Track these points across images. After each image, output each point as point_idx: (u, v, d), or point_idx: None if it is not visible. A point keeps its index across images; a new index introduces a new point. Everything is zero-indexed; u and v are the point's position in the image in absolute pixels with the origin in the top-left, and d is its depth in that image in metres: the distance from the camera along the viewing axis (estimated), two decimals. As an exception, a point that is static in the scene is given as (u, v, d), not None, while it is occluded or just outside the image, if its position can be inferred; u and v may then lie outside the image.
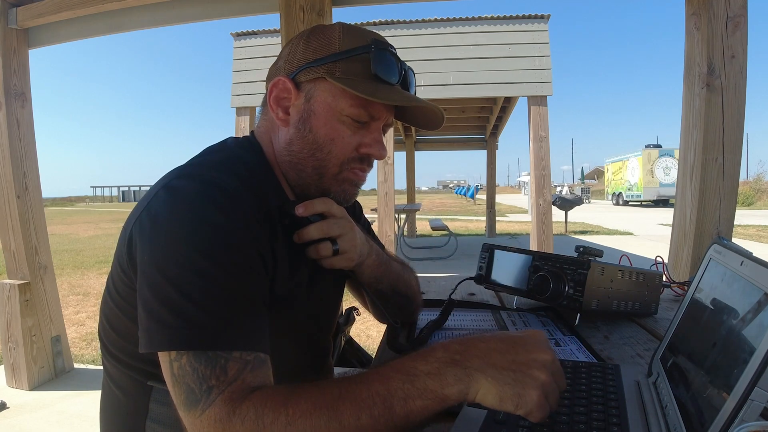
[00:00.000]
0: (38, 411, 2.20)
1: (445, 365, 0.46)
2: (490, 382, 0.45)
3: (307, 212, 0.66)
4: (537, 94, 4.94)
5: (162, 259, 0.52)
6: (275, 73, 0.69)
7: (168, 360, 0.50)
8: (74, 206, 37.56)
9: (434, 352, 0.48)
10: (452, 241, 7.46)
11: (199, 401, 0.48)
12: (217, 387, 0.48)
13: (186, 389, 0.49)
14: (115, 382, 0.67)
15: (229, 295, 0.53)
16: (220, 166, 0.62)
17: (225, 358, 0.49)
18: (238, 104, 5.34)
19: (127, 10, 2.30)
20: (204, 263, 0.52)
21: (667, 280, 1.20)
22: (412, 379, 0.46)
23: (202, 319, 0.50)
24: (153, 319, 0.51)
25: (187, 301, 0.50)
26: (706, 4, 1.58)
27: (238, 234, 0.56)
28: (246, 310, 0.54)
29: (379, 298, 0.84)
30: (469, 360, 0.46)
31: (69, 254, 8.17)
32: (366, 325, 3.59)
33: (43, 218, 2.58)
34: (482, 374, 0.45)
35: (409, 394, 0.45)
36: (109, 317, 0.65)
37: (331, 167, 0.68)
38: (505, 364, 0.46)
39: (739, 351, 0.41)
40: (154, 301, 0.51)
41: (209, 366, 0.49)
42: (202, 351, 0.49)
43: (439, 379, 0.45)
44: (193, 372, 0.49)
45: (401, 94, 0.67)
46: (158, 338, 0.50)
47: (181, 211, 0.54)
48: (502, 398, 0.45)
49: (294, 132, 0.67)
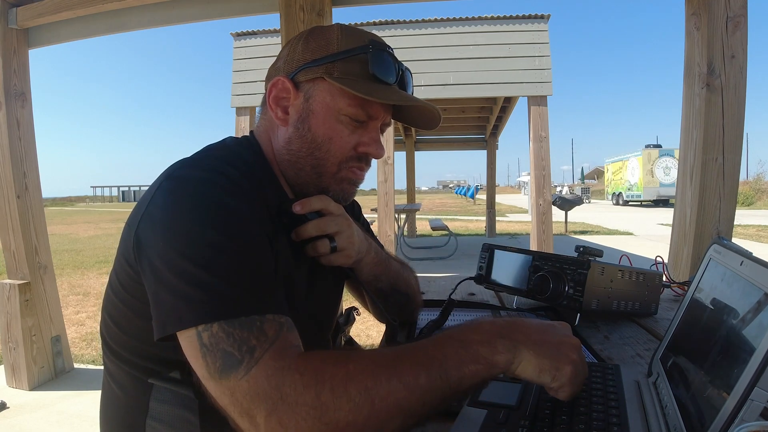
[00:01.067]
0: (38, 411, 2.20)
1: (495, 336, 0.51)
2: (532, 354, 0.50)
3: (304, 210, 0.66)
4: (537, 94, 4.93)
5: (179, 241, 0.52)
6: (274, 74, 0.70)
7: (195, 334, 0.49)
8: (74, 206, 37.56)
9: (482, 325, 0.53)
10: (452, 241, 7.46)
11: (240, 362, 0.47)
12: (260, 347, 0.48)
13: (222, 354, 0.48)
14: (115, 380, 0.67)
15: (250, 266, 0.53)
16: (221, 159, 0.63)
17: (260, 320, 0.50)
18: (238, 104, 5.34)
19: (127, 10, 2.30)
20: (220, 239, 0.52)
21: (667, 280, 1.20)
22: (465, 345, 0.50)
23: (230, 289, 0.50)
24: (179, 299, 0.50)
25: (211, 274, 0.50)
26: (706, 4, 1.58)
27: (248, 213, 0.57)
28: (268, 280, 0.54)
29: (379, 297, 0.84)
30: (515, 334, 0.51)
31: (69, 254, 8.17)
32: (366, 325, 3.59)
33: (43, 218, 2.58)
34: (526, 347, 0.50)
35: (464, 359, 0.48)
36: (112, 314, 0.65)
37: (329, 166, 0.68)
38: (544, 342, 0.51)
39: (739, 351, 0.41)
40: (179, 282, 0.50)
41: (245, 329, 0.49)
42: (235, 318, 0.49)
43: (490, 347, 0.50)
44: (228, 337, 0.48)
45: (398, 94, 0.68)
46: (188, 315, 0.49)
47: (190, 195, 0.55)
48: (541, 369, 0.50)
49: (293, 131, 0.68)
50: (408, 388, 0.46)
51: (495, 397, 0.60)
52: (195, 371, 0.50)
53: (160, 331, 0.51)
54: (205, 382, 0.49)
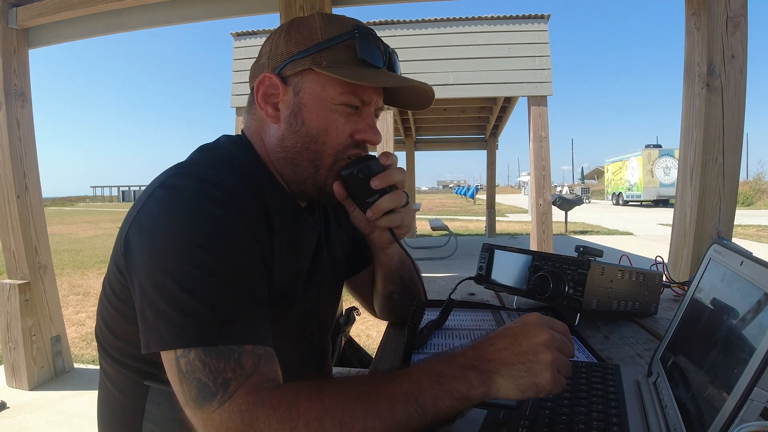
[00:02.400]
0: (38, 411, 2.20)
1: (467, 370, 0.49)
2: (507, 380, 0.49)
3: (383, 184, 0.67)
4: (537, 94, 4.93)
5: (164, 257, 0.52)
6: (259, 71, 0.68)
7: (174, 357, 0.49)
8: (74, 206, 37.55)
9: (455, 359, 0.51)
10: (452, 241, 7.46)
11: (214, 395, 0.47)
12: (235, 380, 0.47)
13: (197, 384, 0.48)
14: (112, 382, 0.67)
15: (234, 291, 0.52)
16: (216, 164, 0.62)
17: (238, 352, 0.49)
18: (238, 104, 5.34)
19: (127, 10, 2.30)
20: (206, 259, 0.52)
21: (667, 280, 1.20)
22: (440, 380, 0.49)
23: (209, 315, 0.50)
24: (160, 319, 0.50)
25: (192, 298, 0.50)
26: (706, 4, 1.58)
27: (239, 229, 0.56)
28: (251, 305, 0.53)
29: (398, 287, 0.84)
30: (486, 364, 0.50)
31: (69, 254, 8.17)
32: (366, 325, 3.59)
33: (43, 218, 2.58)
34: (498, 375, 0.49)
35: (439, 394, 0.48)
36: (105, 318, 0.65)
37: (326, 158, 0.67)
38: (514, 360, 0.50)
39: (739, 351, 0.41)
40: (160, 301, 0.50)
41: (222, 360, 0.48)
42: (212, 346, 0.49)
43: (464, 382, 0.49)
44: (203, 366, 0.48)
45: (389, 76, 0.67)
46: (167, 337, 0.50)
47: (180, 209, 0.54)
48: (522, 390, 0.49)
49: (286, 127, 0.67)
50: (384, 423, 0.46)
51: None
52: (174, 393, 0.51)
53: (145, 347, 0.52)
54: (182, 407, 0.50)
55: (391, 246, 0.77)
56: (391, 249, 0.78)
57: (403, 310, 0.88)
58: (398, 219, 0.70)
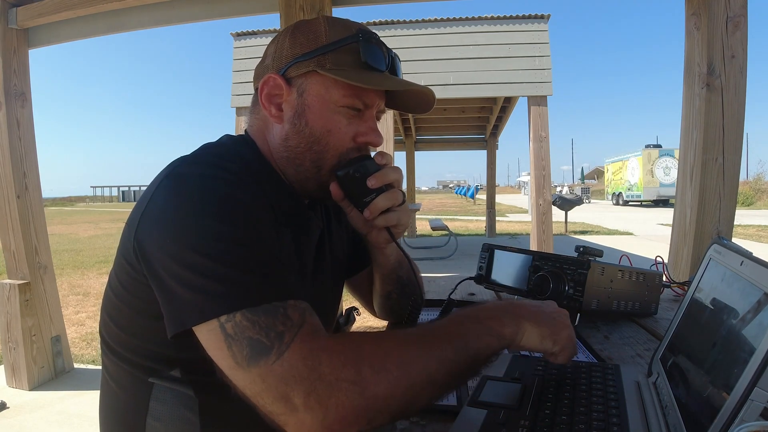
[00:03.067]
0: (38, 411, 2.20)
1: (501, 312, 0.58)
2: (533, 325, 0.58)
3: (379, 183, 0.68)
4: (537, 94, 4.93)
5: (188, 237, 0.52)
6: (263, 72, 0.69)
7: (217, 325, 0.49)
8: (74, 206, 37.56)
9: (488, 305, 0.60)
10: (452, 241, 7.46)
11: (270, 348, 0.47)
12: (288, 331, 0.48)
13: (249, 342, 0.48)
14: (115, 380, 0.67)
15: (263, 255, 0.53)
16: (220, 157, 0.63)
17: (283, 307, 0.50)
18: (239, 104, 5.34)
19: (127, 10, 2.30)
20: (229, 231, 0.52)
21: (667, 280, 1.20)
22: (479, 321, 0.56)
23: (246, 278, 0.50)
24: (197, 293, 0.50)
25: (226, 266, 0.50)
26: (706, 4, 1.58)
27: (253, 203, 0.57)
28: (282, 268, 0.54)
29: (396, 287, 0.84)
30: (517, 309, 0.60)
31: (69, 254, 8.17)
32: (366, 325, 3.59)
33: (43, 218, 2.58)
34: (527, 320, 0.58)
35: (479, 333, 0.54)
36: (111, 314, 0.65)
37: (329, 159, 0.68)
38: (540, 318, 0.59)
39: (739, 351, 0.41)
40: (193, 277, 0.50)
41: (270, 316, 0.49)
42: (257, 306, 0.49)
43: (499, 320, 0.56)
44: (253, 325, 0.48)
45: (392, 80, 0.68)
46: (208, 307, 0.49)
47: (193, 190, 0.55)
48: (543, 336, 0.58)
49: (289, 127, 0.67)
50: (439, 360, 0.50)
51: (495, 397, 0.60)
52: (218, 364, 0.50)
53: (178, 325, 0.51)
54: (231, 372, 0.49)
55: (389, 246, 0.78)
56: (389, 249, 0.78)
57: (401, 310, 0.89)
58: (395, 218, 0.71)
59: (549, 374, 0.66)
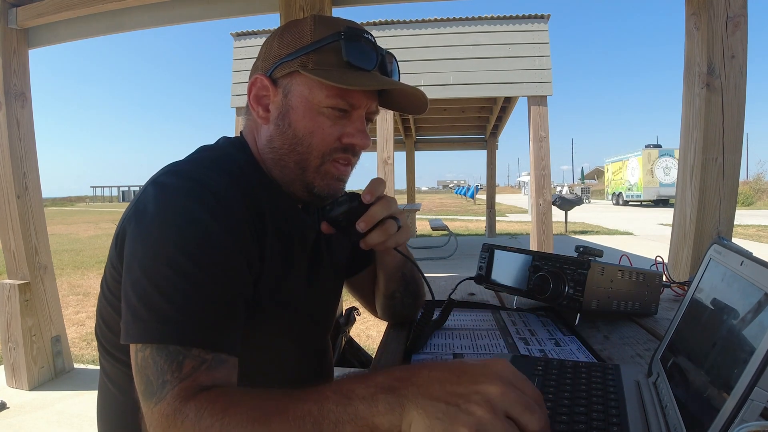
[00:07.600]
0: (38, 411, 2.20)
1: (381, 391, 0.42)
2: (420, 414, 0.39)
3: (368, 226, 0.66)
4: (537, 94, 4.94)
5: (143, 254, 0.54)
6: (253, 72, 0.70)
7: (135, 351, 0.51)
8: (74, 206, 37.55)
9: (376, 376, 0.44)
10: (452, 241, 7.46)
11: (154, 394, 0.49)
12: (170, 382, 0.49)
13: (145, 380, 0.50)
14: (112, 381, 0.67)
15: (202, 294, 0.53)
16: (212, 164, 0.63)
17: (183, 355, 0.50)
18: (239, 104, 5.34)
19: (127, 10, 2.29)
20: (182, 260, 0.53)
21: (667, 280, 1.20)
22: (346, 402, 0.42)
23: (169, 314, 0.51)
24: (129, 312, 0.52)
25: (159, 295, 0.51)
26: (706, 4, 1.58)
27: (222, 233, 0.56)
28: (217, 310, 0.54)
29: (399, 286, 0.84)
30: (406, 388, 0.42)
31: (69, 254, 8.17)
32: (366, 325, 3.59)
33: (43, 218, 2.58)
34: (414, 405, 0.40)
35: (340, 419, 0.42)
36: (104, 315, 0.66)
37: (312, 159, 0.67)
38: (440, 396, 0.40)
39: (739, 351, 0.41)
40: (132, 295, 0.52)
41: (168, 360, 0.50)
42: (164, 345, 0.50)
43: (371, 405, 0.41)
44: (153, 364, 0.50)
45: (377, 79, 0.66)
46: (132, 331, 0.52)
47: (166, 208, 0.55)
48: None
49: (274, 128, 0.67)
50: None
51: (495, 397, 0.60)
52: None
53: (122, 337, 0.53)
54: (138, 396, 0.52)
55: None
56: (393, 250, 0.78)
57: (405, 310, 0.88)
58: (392, 242, 0.70)
59: (549, 374, 0.66)
